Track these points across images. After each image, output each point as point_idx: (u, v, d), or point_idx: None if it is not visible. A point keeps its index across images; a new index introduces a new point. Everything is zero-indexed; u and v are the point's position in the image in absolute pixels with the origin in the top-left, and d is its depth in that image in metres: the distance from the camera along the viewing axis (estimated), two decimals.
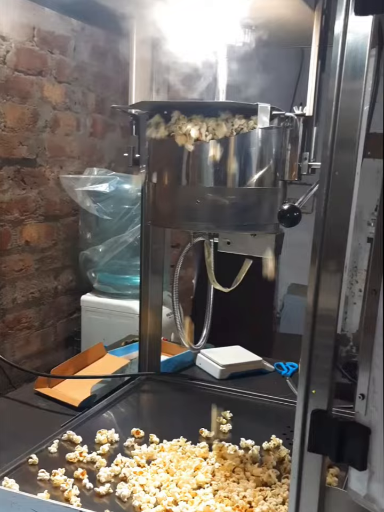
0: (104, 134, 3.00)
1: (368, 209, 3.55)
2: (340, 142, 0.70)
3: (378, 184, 1.03)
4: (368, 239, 3.30)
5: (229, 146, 1.04)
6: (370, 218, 3.51)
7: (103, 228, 2.58)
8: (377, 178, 0.97)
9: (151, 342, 1.59)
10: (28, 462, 1.13)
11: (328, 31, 1.03)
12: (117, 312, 2.53)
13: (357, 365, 1.33)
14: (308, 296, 0.74)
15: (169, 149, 1.10)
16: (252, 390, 1.52)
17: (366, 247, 3.51)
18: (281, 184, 1.11)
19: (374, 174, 1.03)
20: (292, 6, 1.02)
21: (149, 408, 1.54)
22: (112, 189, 2.50)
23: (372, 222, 3.52)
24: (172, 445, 1.21)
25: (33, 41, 2.40)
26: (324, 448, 0.73)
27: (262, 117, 0.99)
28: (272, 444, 1.23)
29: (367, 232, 3.34)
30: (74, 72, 2.69)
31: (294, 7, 1.02)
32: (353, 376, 1.38)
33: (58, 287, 2.75)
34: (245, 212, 1.08)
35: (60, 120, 2.62)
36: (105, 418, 1.36)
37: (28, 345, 2.56)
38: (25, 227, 2.48)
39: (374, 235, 0.65)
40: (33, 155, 2.47)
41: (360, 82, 0.68)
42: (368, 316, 0.66)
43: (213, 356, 1.69)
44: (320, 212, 0.70)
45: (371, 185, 0.85)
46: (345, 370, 1.40)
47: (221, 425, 1.33)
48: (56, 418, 1.33)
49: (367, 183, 0.77)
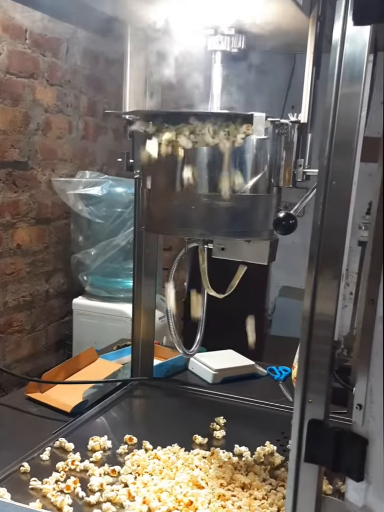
0: (96, 137, 2.99)
1: (359, 213, 3.57)
2: (337, 149, 0.70)
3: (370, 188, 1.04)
4: (359, 242, 3.33)
5: (223, 152, 1.04)
6: (361, 222, 3.54)
7: (95, 231, 2.57)
8: (369, 181, 0.97)
9: (143, 346, 1.58)
10: (20, 470, 1.11)
11: (323, 38, 1.03)
12: (109, 316, 2.53)
13: (350, 370, 1.33)
14: (305, 301, 0.74)
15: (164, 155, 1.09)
16: (245, 394, 1.51)
17: (357, 250, 3.53)
18: (276, 190, 1.11)
19: (366, 177, 1.03)
20: (287, 13, 1.02)
21: (141, 413, 1.53)
22: (104, 192, 2.50)
23: (362, 225, 3.55)
24: (165, 452, 1.20)
25: (25, 44, 2.39)
26: (321, 458, 0.72)
27: (257, 127, 0.98)
28: (267, 451, 1.23)
29: (358, 236, 3.36)
30: (67, 75, 2.68)
31: (289, 14, 1.02)
32: (346, 381, 1.39)
33: (49, 291, 2.73)
34: (239, 218, 1.07)
35: (52, 123, 2.61)
36: (98, 425, 1.35)
37: (18, 349, 2.54)
38: (17, 230, 2.46)
39: (372, 245, 0.64)
40: (25, 158, 2.46)
41: (358, 89, 0.68)
42: (365, 325, 0.65)
43: (206, 360, 1.68)
44: (317, 220, 0.70)
45: (363, 188, 0.85)
46: (338, 375, 1.40)
47: (215, 431, 1.32)
48: (48, 424, 1.32)
49: (358, 187, 0.77)
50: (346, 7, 0.66)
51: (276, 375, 1.70)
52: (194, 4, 1.05)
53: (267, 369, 1.72)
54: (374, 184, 0.70)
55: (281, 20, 1.08)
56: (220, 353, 1.77)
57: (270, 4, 0.99)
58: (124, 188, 2.54)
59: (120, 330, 2.20)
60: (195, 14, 1.09)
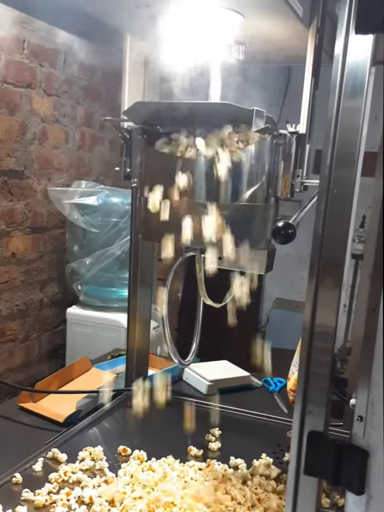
0: (92, 147, 3.00)
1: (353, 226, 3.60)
2: (339, 160, 0.70)
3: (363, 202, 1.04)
4: (353, 255, 3.34)
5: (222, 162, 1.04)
6: (355, 235, 3.56)
7: (90, 241, 2.57)
8: (361, 196, 0.98)
9: (138, 355, 1.57)
10: (12, 481, 1.10)
11: (321, 50, 1.04)
12: (103, 325, 2.52)
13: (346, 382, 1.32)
14: (306, 312, 0.73)
15: (162, 164, 1.09)
16: (240, 406, 1.50)
17: (351, 263, 3.54)
18: (274, 200, 1.11)
19: (359, 191, 1.04)
20: (287, 25, 1.03)
21: (135, 424, 1.51)
22: (100, 202, 2.50)
23: (356, 238, 3.57)
24: (160, 463, 1.19)
25: (23, 54, 2.40)
26: (321, 471, 0.71)
27: (257, 121, 0.98)
28: (263, 463, 1.21)
29: (352, 248, 3.37)
30: (64, 85, 2.69)
31: (289, 26, 1.03)
32: (342, 393, 1.38)
33: (43, 300, 2.72)
34: (237, 227, 1.07)
35: (48, 132, 2.61)
36: (91, 435, 1.34)
37: (11, 358, 2.52)
38: (12, 239, 2.45)
39: (374, 252, 0.64)
40: (21, 167, 2.45)
41: (360, 101, 0.68)
42: (366, 336, 0.65)
43: (200, 370, 1.67)
44: (318, 228, 0.70)
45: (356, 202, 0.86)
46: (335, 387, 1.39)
47: (210, 443, 1.31)
48: (40, 435, 1.30)
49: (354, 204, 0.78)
50: (349, 17, 0.66)
51: (271, 387, 1.69)
52: (194, 16, 1.05)
53: (262, 380, 1.71)
54: (371, 196, 0.69)
55: (279, 31, 1.09)
56: (214, 364, 1.76)
57: (271, 16, 1.00)
58: (120, 198, 2.55)
59: (114, 340, 2.19)
60: (195, 25, 1.10)
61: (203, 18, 1.06)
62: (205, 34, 1.15)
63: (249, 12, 1.00)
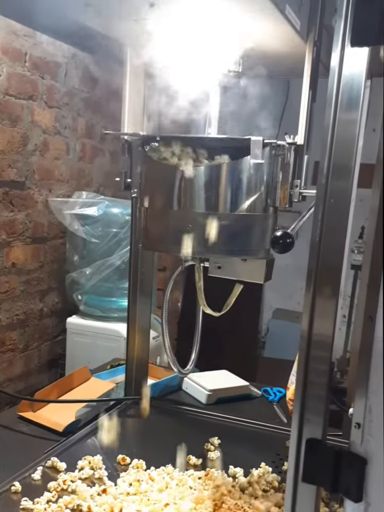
0: (93, 158, 3.02)
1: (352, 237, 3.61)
2: (336, 170, 0.71)
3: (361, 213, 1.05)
4: (352, 265, 3.35)
5: (221, 173, 1.05)
6: (354, 246, 3.58)
7: (90, 251, 2.58)
8: (360, 206, 0.99)
9: (138, 365, 1.58)
10: (11, 490, 1.10)
11: (319, 63, 1.06)
12: (103, 335, 2.52)
13: (346, 391, 1.32)
14: (303, 321, 0.74)
15: (162, 174, 1.11)
16: (239, 415, 1.50)
17: (350, 273, 3.55)
18: (272, 210, 1.13)
19: (357, 202, 1.05)
20: (285, 38, 1.05)
21: (135, 433, 1.51)
22: (100, 212, 2.51)
23: (355, 249, 3.59)
24: (159, 472, 1.19)
25: (25, 67, 2.42)
26: (319, 479, 0.72)
27: (254, 150, 1.00)
28: (262, 472, 1.22)
29: (350, 259, 3.39)
30: (65, 97, 2.71)
31: (287, 39, 1.05)
32: (341, 403, 1.38)
33: (43, 309, 2.72)
34: (236, 237, 1.08)
35: (50, 144, 2.63)
36: (90, 444, 1.34)
37: (11, 368, 2.52)
38: (12, 249, 2.46)
39: (370, 260, 0.65)
40: (22, 178, 2.47)
41: (356, 113, 0.69)
42: (363, 343, 0.65)
43: (200, 380, 1.67)
44: (315, 237, 0.71)
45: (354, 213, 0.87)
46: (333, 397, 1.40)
47: (209, 452, 1.31)
48: (40, 444, 1.30)
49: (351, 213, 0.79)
50: (344, 30, 0.67)
51: (270, 396, 1.69)
52: (192, 29, 1.07)
53: (261, 390, 1.71)
54: (368, 206, 0.71)
55: (278, 45, 1.10)
56: (214, 374, 1.77)
57: (269, 29, 1.02)
58: (120, 208, 2.56)
59: (114, 350, 2.19)
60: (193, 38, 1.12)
61: (201, 31, 1.08)
62: (203, 46, 1.16)
63: (247, 25, 1.01)
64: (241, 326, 3.57)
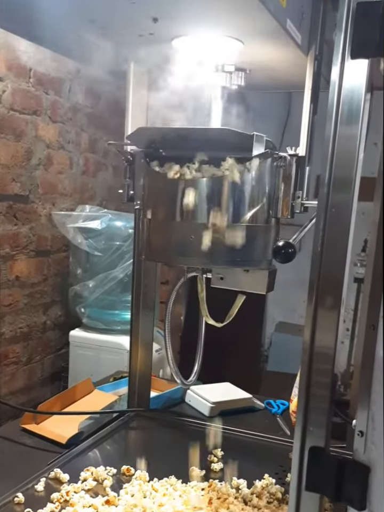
0: (96, 172, 3.05)
1: (354, 250, 3.62)
2: (337, 182, 0.72)
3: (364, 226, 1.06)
4: (355, 279, 3.35)
5: (223, 184, 1.06)
6: (356, 259, 3.58)
7: (93, 264, 2.59)
8: (362, 220, 1.00)
9: (140, 378, 1.58)
10: (14, 501, 1.09)
11: (320, 76, 1.07)
12: (106, 348, 2.52)
13: (349, 404, 1.32)
14: (305, 333, 0.74)
15: (165, 186, 1.12)
16: (242, 427, 1.50)
17: (353, 286, 3.55)
18: (274, 221, 1.14)
19: (360, 215, 1.06)
20: (286, 52, 1.06)
21: (138, 445, 1.51)
22: (103, 225, 2.53)
23: (358, 262, 3.59)
24: (162, 483, 1.19)
25: (29, 82, 2.46)
26: (322, 487, 0.71)
27: (257, 146, 1.01)
28: (265, 483, 1.21)
29: (353, 272, 3.39)
30: (68, 113, 2.74)
31: (288, 53, 1.06)
32: (345, 415, 1.38)
33: (47, 322, 2.72)
34: (238, 248, 1.09)
35: (53, 158, 2.66)
36: (93, 456, 1.33)
37: (14, 381, 2.52)
38: (16, 262, 2.47)
39: (372, 270, 0.66)
40: (26, 192, 2.49)
41: (356, 126, 0.70)
42: (366, 351, 0.66)
43: (203, 392, 1.67)
44: (317, 247, 0.71)
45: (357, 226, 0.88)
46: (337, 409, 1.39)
47: (212, 463, 1.31)
48: (43, 456, 1.30)
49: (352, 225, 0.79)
50: (344, 43, 0.69)
51: (273, 409, 1.68)
52: (195, 43, 1.09)
53: (264, 402, 1.71)
54: (371, 219, 0.71)
55: (279, 58, 1.12)
56: (216, 386, 1.76)
57: (270, 44, 1.04)
58: (123, 221, 2.58)
59: (117, 362, 2.19)
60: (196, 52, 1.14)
61: (204, 45, 1.10)
62: (206, 61, 1.18)
63: (249, 39, 1.03)
64: (244, 340, 3.56)
